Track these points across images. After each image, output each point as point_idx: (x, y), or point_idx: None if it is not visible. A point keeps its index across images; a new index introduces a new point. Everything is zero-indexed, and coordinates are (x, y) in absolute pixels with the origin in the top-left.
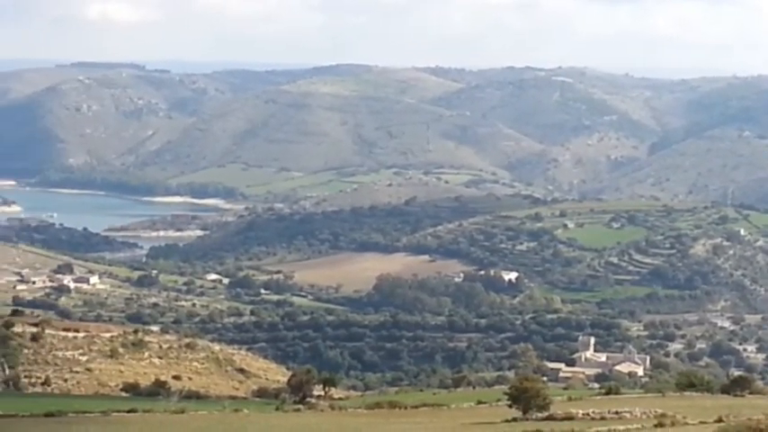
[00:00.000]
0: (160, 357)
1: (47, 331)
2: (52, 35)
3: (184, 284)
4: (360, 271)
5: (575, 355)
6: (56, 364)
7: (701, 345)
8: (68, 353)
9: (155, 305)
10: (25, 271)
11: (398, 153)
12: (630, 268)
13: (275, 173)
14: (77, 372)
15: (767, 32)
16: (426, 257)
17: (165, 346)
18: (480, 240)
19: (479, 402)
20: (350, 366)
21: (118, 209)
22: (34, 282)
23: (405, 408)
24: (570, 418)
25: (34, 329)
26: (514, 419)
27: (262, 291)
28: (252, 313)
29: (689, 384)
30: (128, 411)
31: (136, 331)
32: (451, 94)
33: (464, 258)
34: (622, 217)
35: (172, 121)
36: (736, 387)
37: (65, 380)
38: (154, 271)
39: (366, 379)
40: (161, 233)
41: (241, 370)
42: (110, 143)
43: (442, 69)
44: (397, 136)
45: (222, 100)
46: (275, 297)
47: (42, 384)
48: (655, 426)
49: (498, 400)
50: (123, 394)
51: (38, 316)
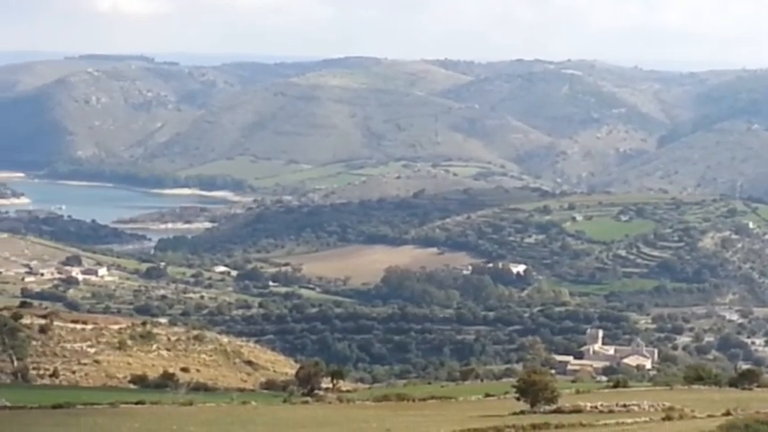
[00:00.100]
0: (168, 349)
1: (55, 323)
2: (62, 27)
3: (193, 276)
4: (368, 263)
5: (583, 348)
6: (64, 356)
7: (709, 338)
8: (77, 345)
9: (163, 297)
10: (34, 263)
11: (407, 145)
12: (639, 261)
13: (284, 165)
14: (85, 364)
15: None
16: (434, 250)
17: (174, 339)
18: (489, 233)
19: (487, 395)
20: (358, 359)
21: (126, 201)
22: (42, 274)
23: (413, 400)
24: (578, 411)
25: (42, 321)
26: (522, 412)
27: (270, 283)
28: (260, 305)
29: (697, 377)
30: (136, 403)
31: (144, 323)
32: (460, 87)
33: (472, 251)
34: (631, 210)
35: (181, 114)
36: (744, 380)
37: (73, 372)
38: (162, 263)
39: (374, 371)
40: (169, 225)
41: (249, 362)
42: (119, 135)
43: (451, 62)
44: (406, 128)
45: (231, 92)
46: (283, 289)
47: (50, 376)
48: (663, 419)
49: (506, 393)
50: (131, 386)
51: (46, 308)
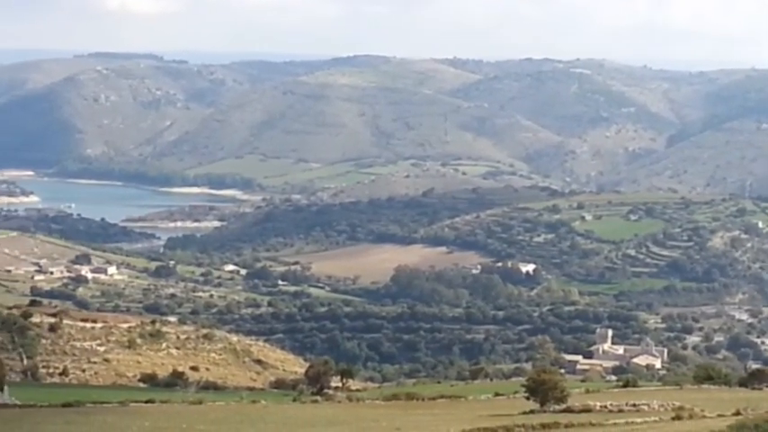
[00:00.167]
0: (178, 348)
1: (65, 322)
2: (71, 25)
3: (202, 275)
4: (377, 262)
5: (592, 348)
6: (74, 355)
7: (719, 337)
8: (86, 343)
9: (172, 296)
10: (43, 261)
11: (416, 144)
12: (648, 261)
13: (293, 164)
14: (95, 362)
15: None
16: (444, 249)
17: (183, 337)
18: (498, 232)
19: (497, 394)
20: (367, 358)
21: (135, 199)
22: (52, 272)
23: (422, 399)
24: (588, 411)
25: (52, 320)
26: (532, 411)
27: (279, 282)
28: (269, 304)
29: (706, 377)
30: (145, 402)
31: (153, 322)
32: (469, 86)
33: (481, 250)
34: (640, 209)
35: (190, 112)
36: (753, 380)
37: (83, 370)
38: (171, 262)
39: (383, 370)
40: (178, 224)
41: (258, 361)
42: (127, 134)
43: (460, 61)
44: (415, 127)
45: (240, 91)
46: (292, 288)
47: (60, 374)
48: (672, 418)
49: (516, 392)
50: (141, 385)
51: (56, 306)
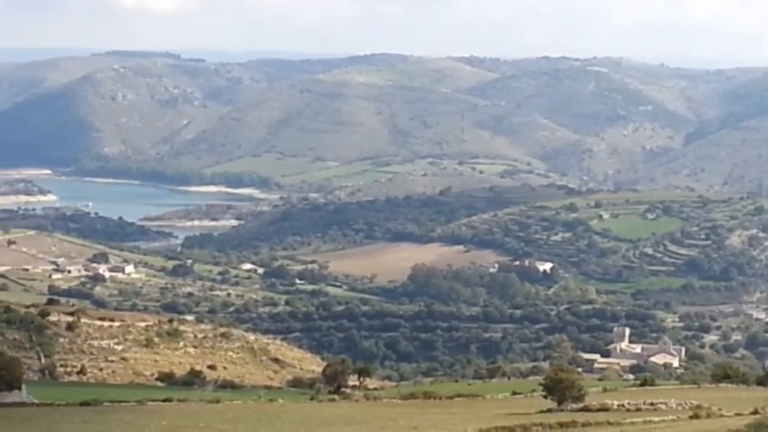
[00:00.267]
0: (195, 347)
1: (82, 320)
2: (88, 24)
3: (219, 274)
4: (394, 261)
5: (610, 346)
6: (91, 354)
7: (737, 336)
8: (104, 342)
9: (190, 295)
10: (61, 260)
11: (433, 143)
12: (666, 259)
13: (310, 162)
14: (113, 361)
15: None
16: (461, 248)
17: (200, 336)
18: (515, 231)
19: (514, 393)
20: (384, 356)
21: (153, 198)
22: (70, 271)
23: (439, 398)
24: (605, 410)
25: (70, 319)
26: (549, 410)
27: (296, 280)
28: (287, 303)
29: (724, 376)
30: (163, 401)
31: (171, 321)
32: (486, 84)
33: (499, 249)
34: (657, 208)
35: (207, 111)
36: None
37: (100, 369)
38: (189, 260)
39: (401, 369)
40: (196, 223)
41: (276, 360)
42: (145, 132)
43: (477, 59)
44: (432, 126)
45: (257, 89)
46: (310, 287)
47: (78, 373)
48: (690, 417)
49: (533, 391)
50: (158, 383)
51: (73, 305)
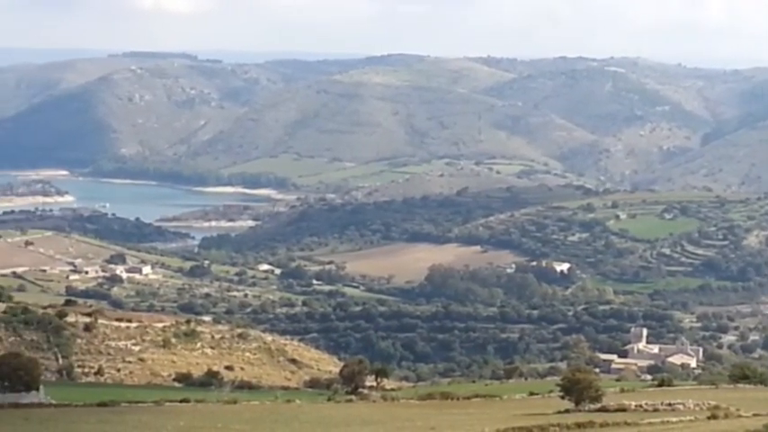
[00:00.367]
0: (212, 347)
1: (100, 321)
2: (105, 25)
3: (236, 275)
4: (411, 261)
5: (627, 347)
6: (109, 354)
7: (755, 336)
8: (121, 343)
9: (207, 295)
10: (78, 261)
11: (450, 143)
12: (683, 259)
13: (327, 163)
14: (130, 361)
15: None
16: (478, 248)
17: (218, 337)
18: (532, 231)
19: (531, 393)
20: (402, 357)
21: (170, 199)
22: (87, 272)
23: (457, 399)
24: (623, 410)
25: (87, 319)
26: (567, 411)
27: (314, 281)
28: (304, 304)
29: (742, 376)
30: (180, 401)
31: (188, 321)
32: (503, 84)
33: (516, 249)
34: (675, 208)
35: (224, 111)
36: None
37: (118, 369)
38: (206, 261)
39: (418, 370)
40: (213, 223)
41: (293, 360)
42: (162, 133)
43: (494, 59)
44: (449, 126)
45: (274, 90)
46: (327, 287)
47: (95, 374)
48: (708, 418)
49: (550, 392)
50: (176, 384)
51: (91, 306)
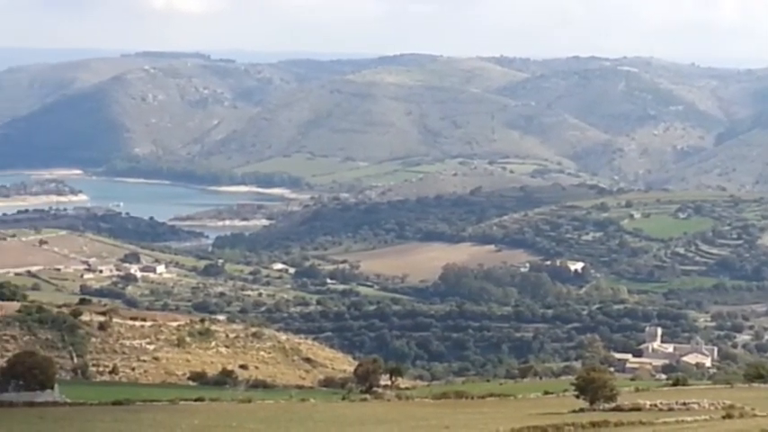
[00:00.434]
0: (227, 346)
1: (114, 320)
2: (118, 25)
3: (250, 274)
4: (425, 261)
5: (642, 346)
6: (123, 353)
7: None
8: (135, 342)
9: (221, 294)
10: (92, 260)
11: (463, 143)
12: (697, 259)
13: (340, 162)
14: (145, 360)
15: None
16: (492, 247)
17: (232, 336)
18: (546, 230)
19: (546, 393)
20: (416, 356)
21: (184, 198)
22: (101, 271)
23: (471, 398)
24: (637, 409)
25: (102, 318)
26: (581, 410)
27: (328, 280)
28: (318, 303)
29: (757, 376)
30: (195, 400)
31: (202, 320)
32: (516, 84)
33: (530, 248)
34: (689, 207)
35: (237, 111)
36: None
37: (132, 368)
38: (220, 260)
39: (432, 369)
40: (227, 222)
41: (307, 359)
42: (175, 133)
43: (507, 59)
44: (462, 126)
45: (287, 89)
46: (341, 287)
47: (110, 373)
48: (723, 417)
49: (565, 391)
50: (190, 383)
51: (105, 305)
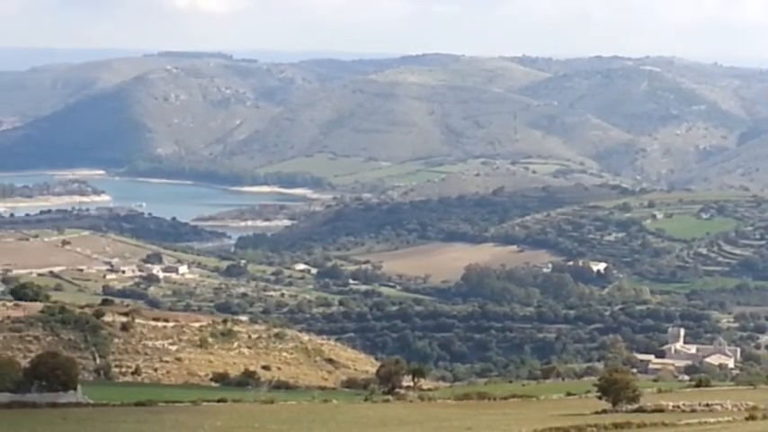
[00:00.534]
0: (249, 347)
1: (137, 321)
2: (140, 25)
3: (273, 274)
4: (448, 261)
5: (664, 347)
6: (146, 354)
7: None
8: (158, 342)
9: (243, 295)
10: (115, 260)
11: (486, 143)
12: (720, 259)
13: (363, 162)
14: (167, 361)
15: None
16: (514, 248)
17: (254, 336)
18: (568, 231)
19: (569, 394)
20: (438, 357)
21: (206, 198)
22: (124, 271)
23: (494, 399)
24: (660, 411)
25: (124, 319)
26: (604, 411)
27: (350, 281)
28: (340, 303)
29: None
30: (217, 401)
31: (225, 321)
32: (539, 84)
33: (552, 249)
34: (711, 207)
35: (259, 111)
36: None
37: (155, 369)
38: (242, 261)
39: (455, 370)
40: (249, 223)
41: (330, 360)
42: (197, 133)
43: (530, 59)
44: (485, 125)
45: (309, 89)
46: (363, 287)
47: (133, 373)
48: (746, 419)
49: (588, 392)
50: (213, 384)
51: (128, 305)
